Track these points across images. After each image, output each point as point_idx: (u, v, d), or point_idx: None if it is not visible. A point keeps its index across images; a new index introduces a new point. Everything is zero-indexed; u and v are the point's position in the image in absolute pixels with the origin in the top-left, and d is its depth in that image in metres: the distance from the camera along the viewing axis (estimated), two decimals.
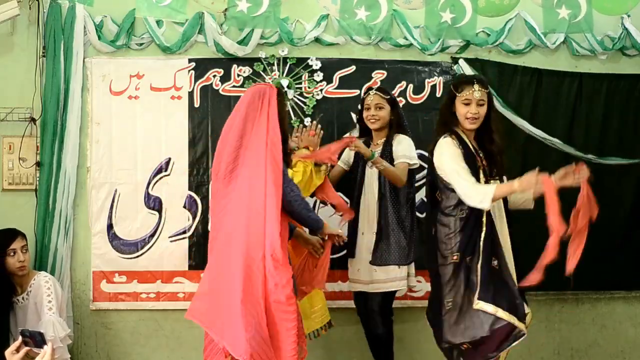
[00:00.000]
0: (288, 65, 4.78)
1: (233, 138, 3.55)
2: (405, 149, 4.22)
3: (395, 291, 4.28)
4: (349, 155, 4.44)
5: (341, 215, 4.17)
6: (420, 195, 4.55)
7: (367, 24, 4.74)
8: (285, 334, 3.39)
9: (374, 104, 4.29)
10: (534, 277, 3.32)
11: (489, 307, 3.48)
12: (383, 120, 4.29)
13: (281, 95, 3.68)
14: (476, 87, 3.62)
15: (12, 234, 4.17)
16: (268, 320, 3.38)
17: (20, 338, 2.48)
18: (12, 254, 4.12)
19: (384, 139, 4.30)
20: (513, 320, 3.49)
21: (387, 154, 4.23)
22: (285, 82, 4.74)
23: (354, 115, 4.74)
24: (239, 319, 3.29)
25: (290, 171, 3.86)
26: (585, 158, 4.73)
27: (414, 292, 4.72)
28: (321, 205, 4.59)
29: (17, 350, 2.45)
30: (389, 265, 4.15)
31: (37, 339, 2.45)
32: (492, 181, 3.64)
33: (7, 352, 2.44)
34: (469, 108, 3.62)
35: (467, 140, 3.66)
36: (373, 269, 4.19)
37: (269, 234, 3.42)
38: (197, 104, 4.75)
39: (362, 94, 4.57)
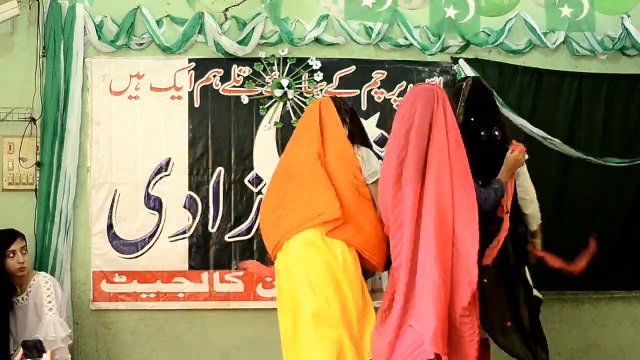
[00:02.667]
0: (288, 65, 4.78)
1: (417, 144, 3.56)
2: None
3: None
4: None
5: None
6: None
7: (373, 10, 4.61)
8: (468, 344, 3.45)
9: None
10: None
11: None
12: None
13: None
14: None
15: (12, 235, 4.17)
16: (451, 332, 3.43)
17: (21, 350, 2.49)
18: (11, 255, 4.12)
19: None
20: None
21: None
22: (285, 82, 4.74)
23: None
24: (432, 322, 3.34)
25: None
26: (586, 159, 4.73)
27: None
28: None
29: None
30: None
31: (38, 348, 2.48)
32: None
33: None
34: None
35: None
36: None
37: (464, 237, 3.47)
38: (197, 104, 4.74)
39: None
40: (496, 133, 3.83)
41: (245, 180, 4.74)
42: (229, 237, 4.72)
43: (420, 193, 3.52)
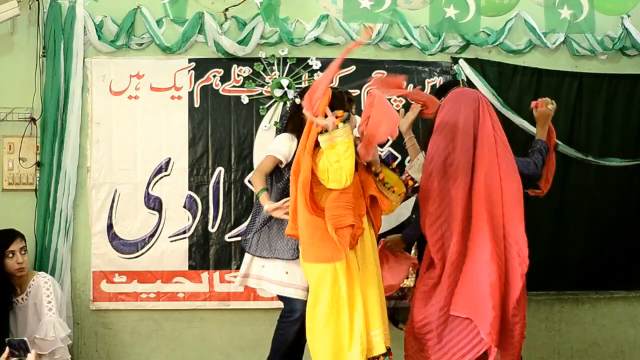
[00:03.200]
0: (288, 65, 4.78)
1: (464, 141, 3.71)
2: None
3: None
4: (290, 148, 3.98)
5: None
6: None
7: (372, 12, 4.63)
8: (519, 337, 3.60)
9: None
10: None
11: None
12: None
13: None
14: None
15: (11, 236, 4.17)
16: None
17: (7, 349, 2.50)
18: (10, 255, 4.12)
19: None
20: None
21: None
22: (285, 82, 4.74)
23: (357, 117, 4.74)
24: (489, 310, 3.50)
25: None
26: (586, 159, 4.74)
27: None
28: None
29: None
30: None
31: (23, 347, 2.50)
32: None
33: None
34: None
35: None
36: None
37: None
38: (197, 104, 4.75)
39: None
40: None
41: (245, 180, 4.74)
42: (229, 237, 4.72)
43: (469, 189, 3.67)
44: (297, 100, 3.98)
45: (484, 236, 3.59)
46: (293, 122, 4.01)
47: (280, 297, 4.02)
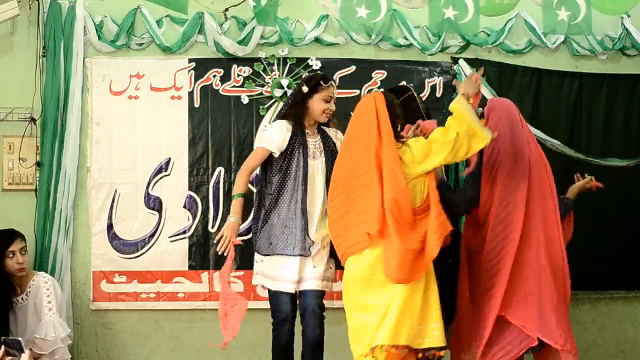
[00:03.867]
0: (288, 65, 4.78)
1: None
2: None
3: None
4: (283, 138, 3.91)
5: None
6: None
7: (367, 22, 4.69)
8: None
9: (334, 98, 3.99)
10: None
11: None
12: None
13: None
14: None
15: (11, 236, 4.17)
16: None
17: (2, 348, 2.51)
18: (10, 255, 4.12)
19: (316, 129, 4.05)
20: None
21: (330, 144, 4.00)
22: (285, 82, 4.74)
23: None
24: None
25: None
26: (586, 160, 4.73)
27: None
28: None
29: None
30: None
31: (17, 347, 2.51)
32: None
33: None
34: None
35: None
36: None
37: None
38: (197, 104, 4.75)
39: (317, 83, 3.97)
40: None
41: None
42: None
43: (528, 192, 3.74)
44: (305, 88, 3.93)
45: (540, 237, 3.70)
46: (296, 110, 3.95)
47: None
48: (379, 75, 4.82)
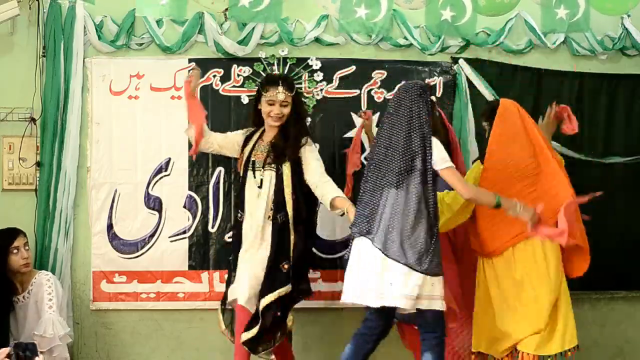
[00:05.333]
0: (288, 65, 4.78)
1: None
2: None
3: None
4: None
5: None
6: None
7: (366, 22, 4.68)
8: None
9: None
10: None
11: None
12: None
13: None
14: (280, 89, 3.99)
15: (14, 233, 4.19)
16: None
17: (7, 349, 2.50)
18: (15, 251, 4.14)
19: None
20: None
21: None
22: None
23: (354, 116, 4.75)
24: None
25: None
26: (586, 160, 4.73)
27: None
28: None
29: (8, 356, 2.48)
30: None
31: (31, 350, 2.50)
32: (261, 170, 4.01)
33: None
34: (272, 108, 4.00)
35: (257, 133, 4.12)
36: None
37: None
38: None
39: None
40: None
41: None
42: (229, 237, 4.70)
43: None
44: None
45: None
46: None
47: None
48: (378, 75, 4.82)
